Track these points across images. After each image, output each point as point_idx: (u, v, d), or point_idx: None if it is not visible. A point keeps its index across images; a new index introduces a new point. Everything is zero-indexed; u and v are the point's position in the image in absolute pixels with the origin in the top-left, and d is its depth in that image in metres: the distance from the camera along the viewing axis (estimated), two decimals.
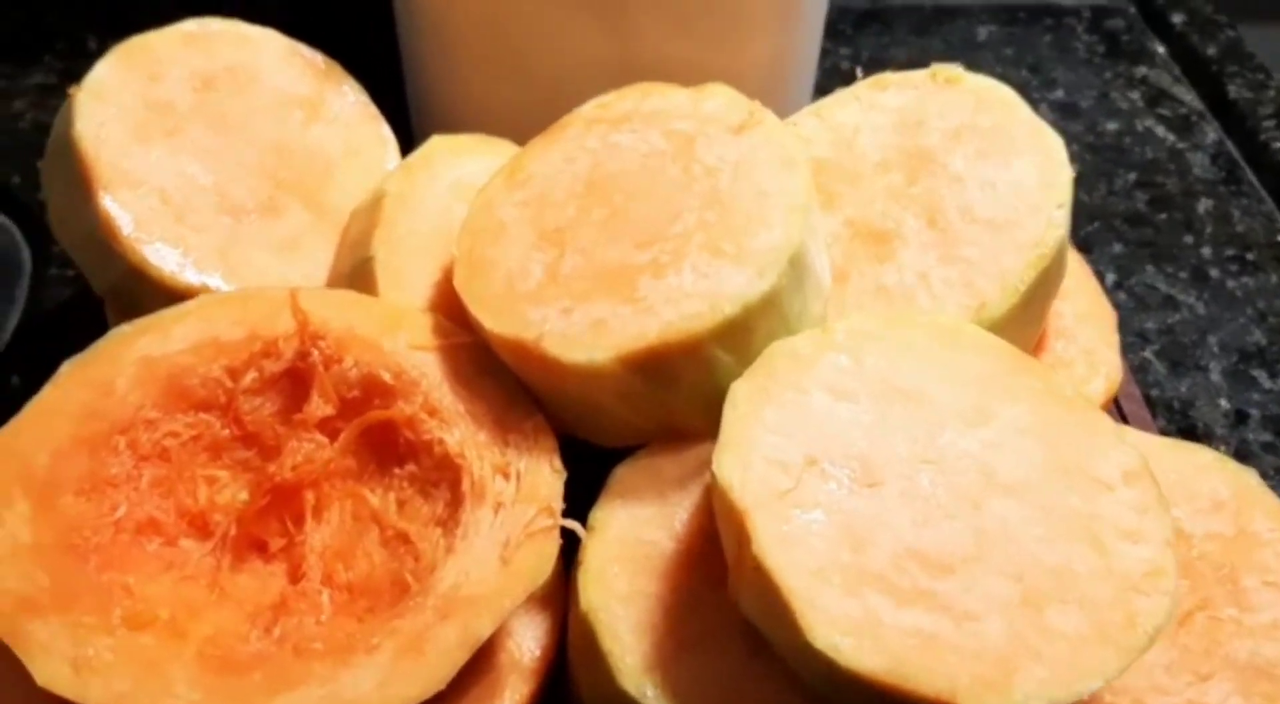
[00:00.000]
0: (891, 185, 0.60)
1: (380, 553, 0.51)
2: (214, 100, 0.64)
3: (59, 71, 1.02)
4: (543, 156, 0.59)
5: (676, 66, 0.74)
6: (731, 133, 0.56)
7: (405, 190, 0.61)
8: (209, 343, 0.54)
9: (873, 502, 0.44)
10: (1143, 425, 0.67)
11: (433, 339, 0.56)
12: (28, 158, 0.93)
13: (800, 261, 0.52)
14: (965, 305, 0.55)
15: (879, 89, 0.64)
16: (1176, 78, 1.07)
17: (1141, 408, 0.69)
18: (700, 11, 0.72)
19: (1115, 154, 0.98)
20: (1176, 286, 0.86)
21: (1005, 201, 0.58)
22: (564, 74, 0.74)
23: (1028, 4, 1.16)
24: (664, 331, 0.50)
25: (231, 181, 0.62)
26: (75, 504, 0.49)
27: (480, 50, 0.74)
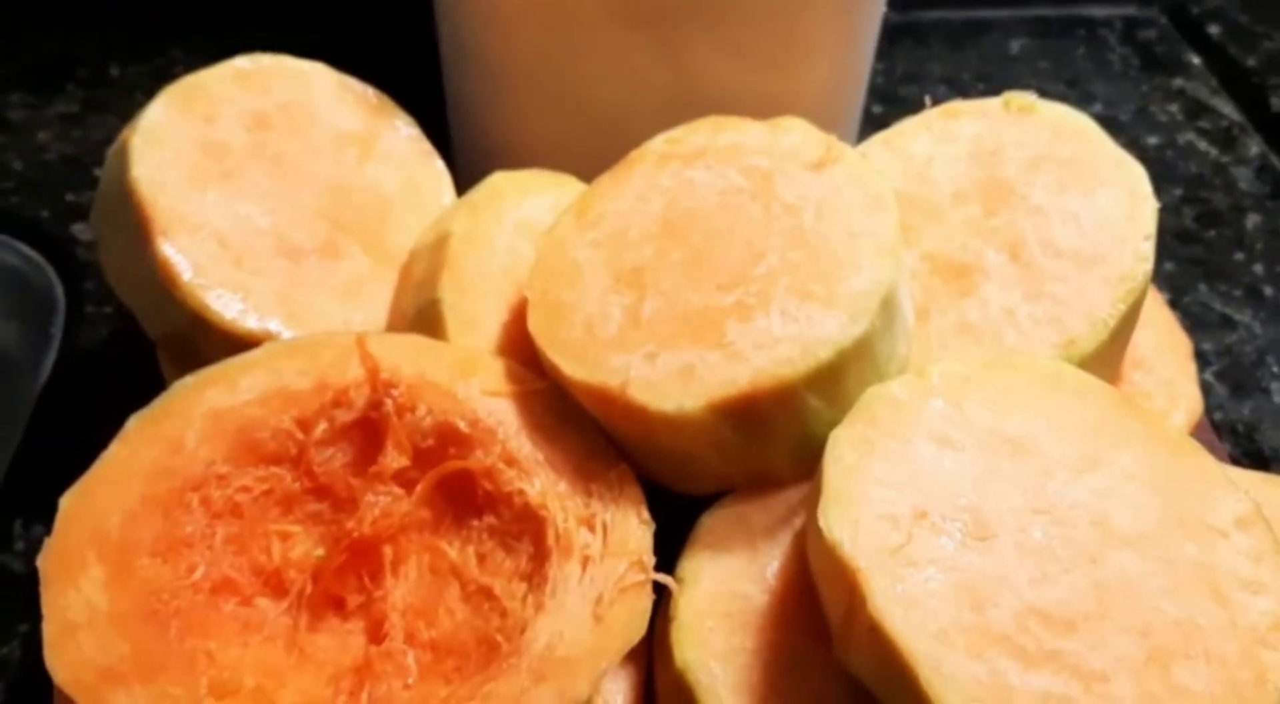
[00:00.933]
0: (969, 218, 0.59)
1: (463, 609, 0.50)
2: (269, 140, 0.62)
3: (81, 100, 1.00)
4: (614, 194, 0.57)
5: (732, 94, 0.72)
6: (811, 169, 0.55)
7: (471, 230, 0.59)
8: (277, 393, 0.52)
9: (987, 557, 0.43)
10: (1215, 453, 0.65)
11: (507, 385, 0.54)
12: (56, 190, 0.91)
13: (891, 303, 0.50)
14: (1054, 343, 0.54)
15: (950, 118, 0.63)
16: (1215, 89, 1.06)
17: (1211, 436, 0.68)
18: (756, 38, 0.71)
19: (1159, 169, 0.97)
20: (1231, 305, 0.85)
21: (1089, 234, 0.56)
22: (617, 103, 0.73)
23: (1058, 15, 1.15)
24: (755, 378, 0.48)
25: (290, 224, 0.61)
26: (151, 566, 0.47)
27: (529, 80, 0.72)
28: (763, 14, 0.70)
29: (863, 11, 0.73)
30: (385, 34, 1.01)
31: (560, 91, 0.73)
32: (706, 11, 0.69)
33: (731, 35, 0.70)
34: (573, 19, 0.69)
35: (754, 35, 0.71)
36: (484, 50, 0.72)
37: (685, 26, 0.70)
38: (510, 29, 0.70)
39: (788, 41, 0.72)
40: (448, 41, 0.74)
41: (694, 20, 0.69)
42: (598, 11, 0.68)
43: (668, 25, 0.69)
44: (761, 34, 0.71)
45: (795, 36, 0.71)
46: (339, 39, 1.04)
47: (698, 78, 0.72)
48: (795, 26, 0.71)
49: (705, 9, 0.69)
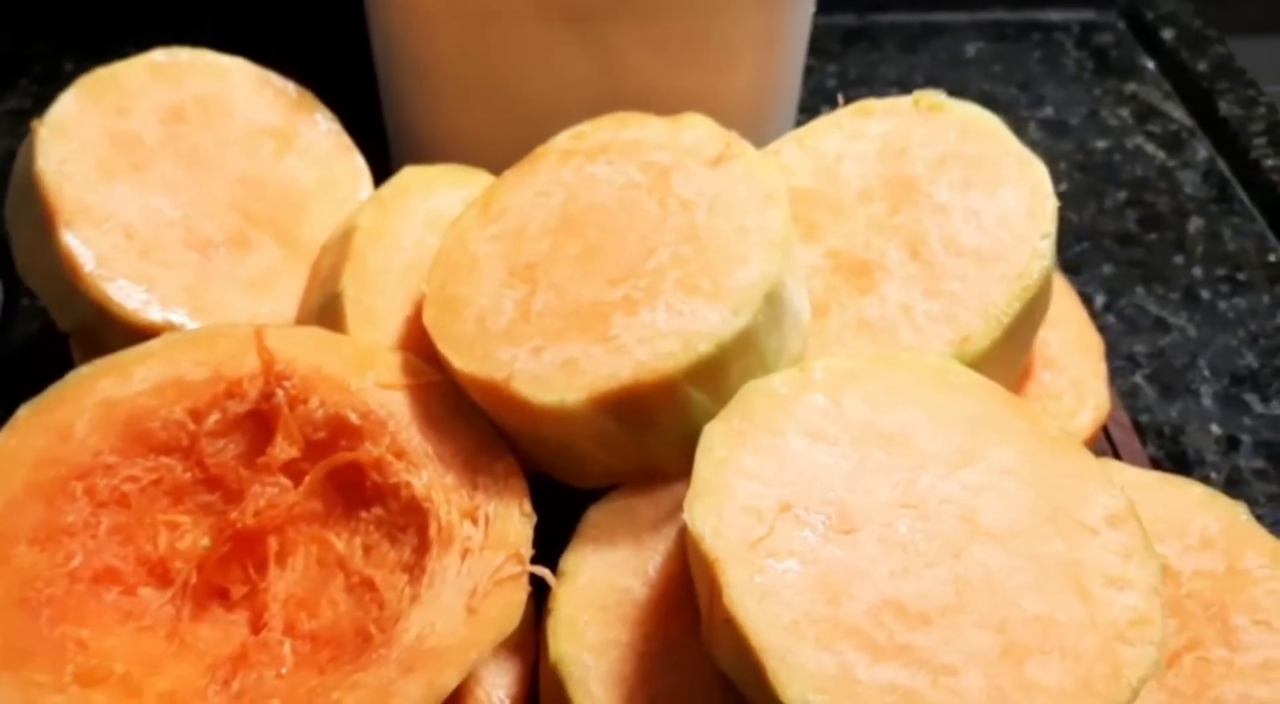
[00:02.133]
0: (874, 215, 0.59)
1: (345, 600, 0.50)
2: (183, 133, 0.62)
3: (34, 96, 1.00)
4: (517, 189, 0.57)
5: (660, 93, 0.73)
6: (708, 165, 0.55)
7: (377, 224, 0.59)
8: (171, 384, 0.53)
9: (849, 550, 0.43)
10: (1132, 454, 0.65)
11: (402, 378, 0.54)
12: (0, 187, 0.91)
13: (777, 298, 0.50)
14: (948, 339, 0.54)
15: (863, 116, 0.63)
16: (1167, 93, 1.06)
17: (1131, 436, 0.67)
18: (681, 35, 0.71)
19: (1105, 172, 0.97)
20: (1167, 308, 0.85)
21: (990, 232, 0.56)
22: (545, 101, 0.73)
23: (1015, 19, 1.15)
24: (637, 371, 0.48)
25: (200, 216, 0.61)
26: (28, 554, 0.47)
27: (458, 77, 0.73)
28: (686, 10, 0.70)
29: (789, 10, 0.73)
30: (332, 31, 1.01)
31: (489, 88, 0.73)
32: (630, 7, 0.69)
33: (656, 32, 0.71)
34: (497, 15, 0.69)
35: (679, 32, 0.71)
36: (412, 48, 0.72)
37: (610, 22, 0.70)
38: (436, 26, 0.70)
39: (712, 39, 0.72)
40: (378, 39, 0.75)
41: (619, 16, 0.70)
42: (522, 7, 0.68)
43: (592, 20, 0.70)
44: (686, 31, 0.71)
45: (719, 34, 0.72)
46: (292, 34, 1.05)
47: (624, 75, 0.72)
48: (718, 24, 0.71)
49: (628, 4, 0.69)
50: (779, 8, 0.72)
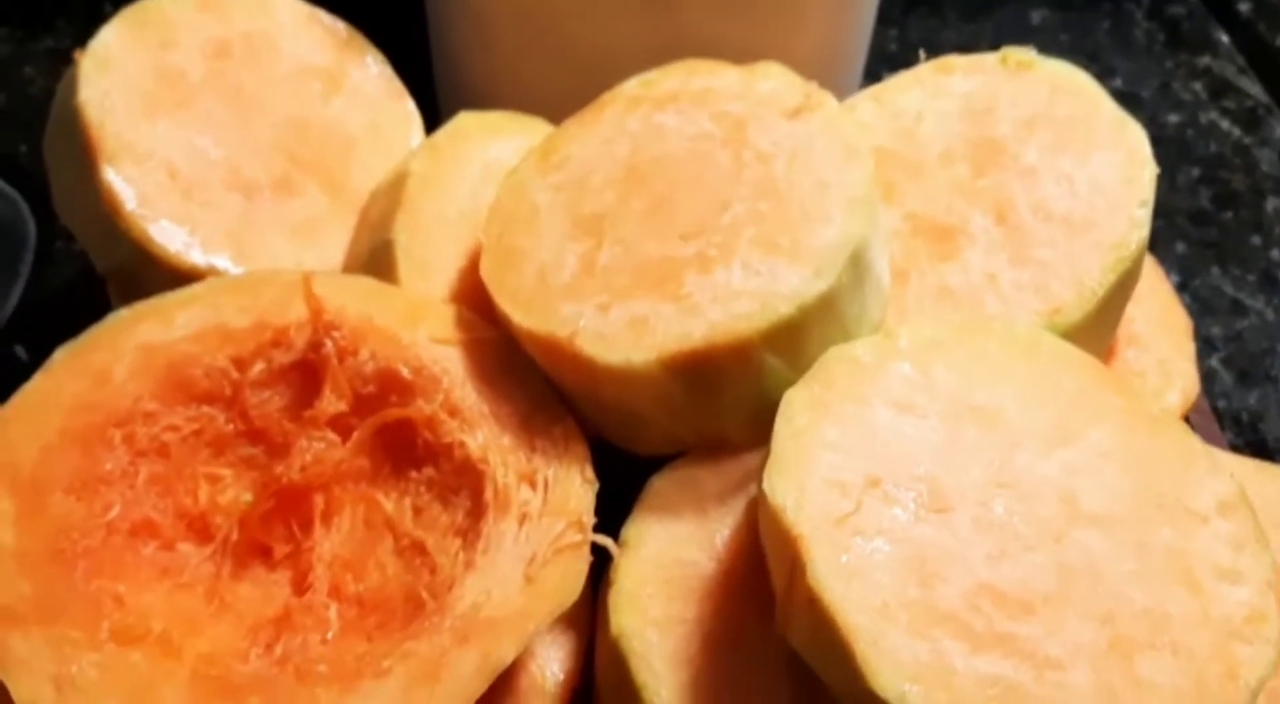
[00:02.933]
0: (957, 177, 0.55)
1: (394, 564, 0.47)
2: (228, 69, 0.59)
3: (71, 36, 0.97)
4: (580, 137, 0.54)
5: (723, 46, 0.69)
6: (787, 117, 0.52)
7: (431, 171, 0.56)
8: (214, 330, 0.50)
9: (942, 530, 0.40)
10: (1212, 441, 0.62)
11: (456, 333, 0.51)
12: (37, 127, 0.87)
13: (861, 260, 0.47)
14: (1038, 310, 0.50)
15: (944, 73, 0.59)
16: (1242, 69, 1.01)
17: (1211, 422, 0.64)
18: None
19: (1178, 148, 0.93)
20: (1244, 290, 0.81)
21: (1083, 198, 0.53)
22: (604, 50, 0.69)
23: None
24: (710, 333, 0.45)
25: (245, 157, 0.58)
26: (64, 503, 0.45)
27: (516, 22, 0.69)
28: None
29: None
30: None
31: (546, 35, 0.70)
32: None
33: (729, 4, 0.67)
34: None
35: None
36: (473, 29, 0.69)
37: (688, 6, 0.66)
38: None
39: (783, 3, 0.68)
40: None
41: None
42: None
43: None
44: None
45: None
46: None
47: (687, 27, 0.69)
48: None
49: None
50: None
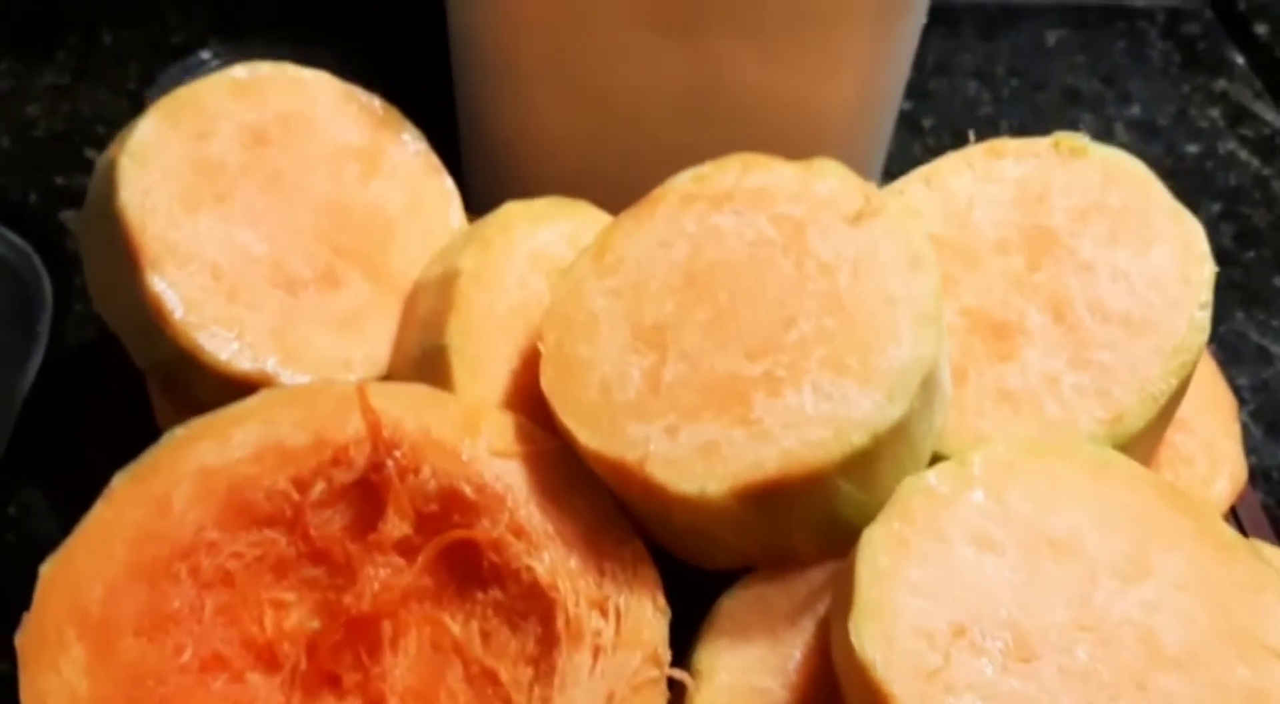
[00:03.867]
0: (1012, 270, 0.55)
1: (466, 692, 0.47)
2: (266, 156, 0.58)
3: (72, 69, 0.95)
4: (634, 236, 0.54)
5: (760, 93, 0.68)
6: (848, 222, 0.51)
7: (481, 268, 0.55)
8: (272, 449, 0.49)
9: (1029, 682, 0.40)
10: (1260, 532, 0.62)
11: (515, 444, 0.51)
12: (44, 171, 0.87)
13: (932, 381, 0.47)
14: (1099, 418, 0.51)
15: (995, 156, 0.59)
16: (1258, 93, 1.01)
17: (1258, 511, 0.64)
18: (786, 49, 0.66)
19: (1198, 180, 0.93)
20: (1269, 336, 0.81)
21: (1141, 296, 0.53)
22: (635, 101, 0.68)
23: (1098, 4, 1.10)
24: (784, 462, 0.45)
25: (287, 250, 0.57)
26: (135, 647, 0.44)
27: (544, 80, 0.68)
28: (798, 23, 0.65)
29: (900, 23, 0.69)
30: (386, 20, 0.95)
31: (576, 90, 0.68)
32: (737, 19, 0.65)
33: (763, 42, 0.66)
34: (595, 23, 0.64)
35: (787, 42, 0.66)
36: (498, 52, 0.67)
37: (714, 33, 0.65)
38: (527, 32, 0.65)
39: (817, 50, 0.67)
40: (459, 42, 0.70)
41: (723, 27, 0.65)
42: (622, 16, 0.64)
43: (695, 31, 0.65)
44: (790, 42, 0.66)
45: (825, 46, 0.67)
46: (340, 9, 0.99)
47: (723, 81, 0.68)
48: (825, 36, 0.67)
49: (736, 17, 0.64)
50: (891, 22, 0.67)
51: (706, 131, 0.69)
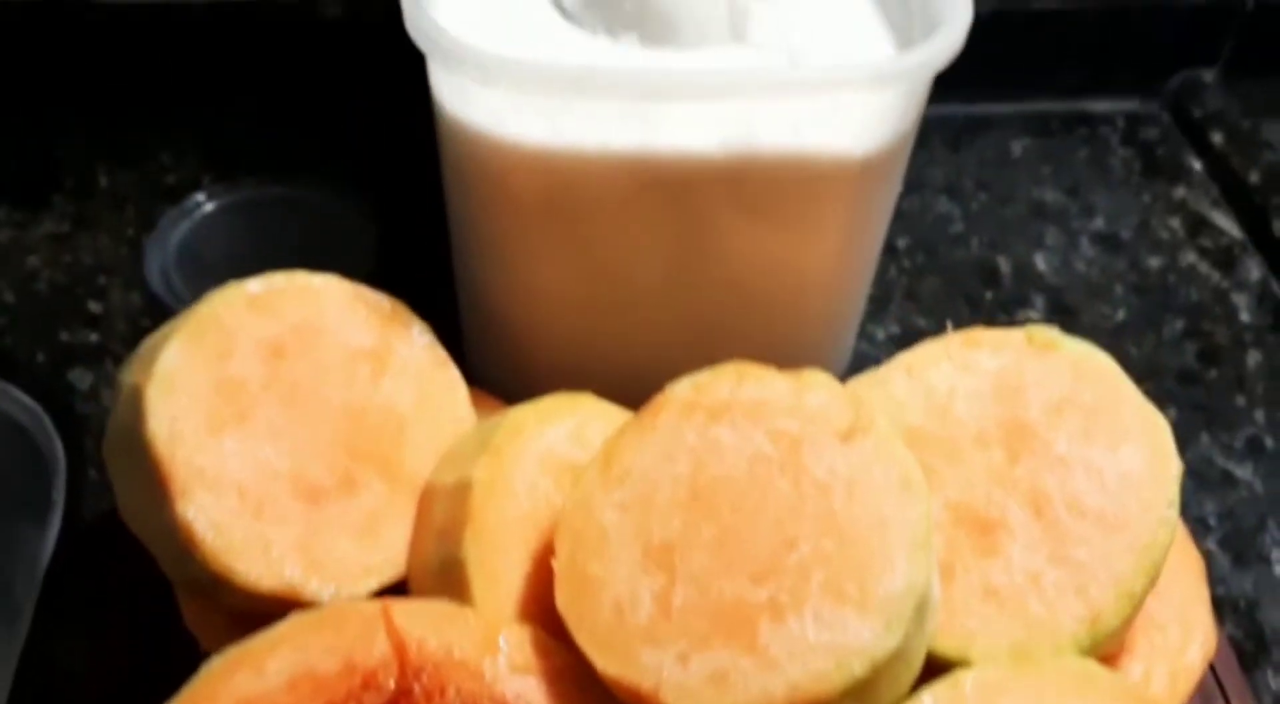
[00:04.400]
0: (993, 464, 0.59)
1: None
2: (283, 369, 0.61)
3: (71, 217, 0.97)
4: (639, 448, 0.57)
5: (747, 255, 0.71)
6: (839, 439, 0.55)
7: (493, 478, 0.58)
8: (305, 677, 0.52)
9: None
10: (1236, 692, 0.66)
11: (535, 659, 0.54)
12: (50, 327, 0.89)
13: (925, 603, 0.51)
14: (1079, 616, 0.54)
15: (972, 347, 0.62)
16: (1215, 201, 1.06)
17: (1233, 669, 0.67)
18: (771, 208, 0.70)
19: (1161, 296, 0.97)
20: (1233, 459, 0.86)
21: (1113, 494, 0.57)
22: (632, 269, 0.71)
23: (1061, 111, 1.14)
24: (791, 692, 0.48)
25: (307, 461, 0.60)
26: None
27: (543, 254, 0.71)
28: (782, 196, 0.69)
29: (882, 193, 0.72)
30: (377, 155, 0.98)
31: (573, 265, 0.71)
32: (728, 193, 0.68)
33: (750, 214, 0.69)
34: (596, 205, 0.67)
35: (772, 211, 0.69)
36: (496, 233, 0.71)
37: (705, 205, 0.68)
38: (526, 215, 0.69)
39: (804, 218, 0.71)
40: (456, 221, 0.73)
41: (715, 199, 0.68)
42: (622, 197, 0.67)
43: (688, 206, 0.68)
44: (780, 211, 0.70)
45: (812, 213, 0.71)
46: (330, 149, 1.02)
47: (712, 245, 0.70)
48: (812, 207, 0.70)
49: (727, 191, 0.67)
50: (870, 194, 0.71)
51: (697, 292, 0.73)
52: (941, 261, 0.99)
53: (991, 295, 0.96)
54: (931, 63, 0.61)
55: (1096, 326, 0.94)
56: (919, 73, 0.62)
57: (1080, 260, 1.00)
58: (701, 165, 0.64)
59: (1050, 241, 1.01)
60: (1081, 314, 0.95)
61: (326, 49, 1.01)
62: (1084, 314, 0.95)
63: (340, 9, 0.99)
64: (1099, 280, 0.98)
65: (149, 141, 1.03)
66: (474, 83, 0.60)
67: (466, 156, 0.67)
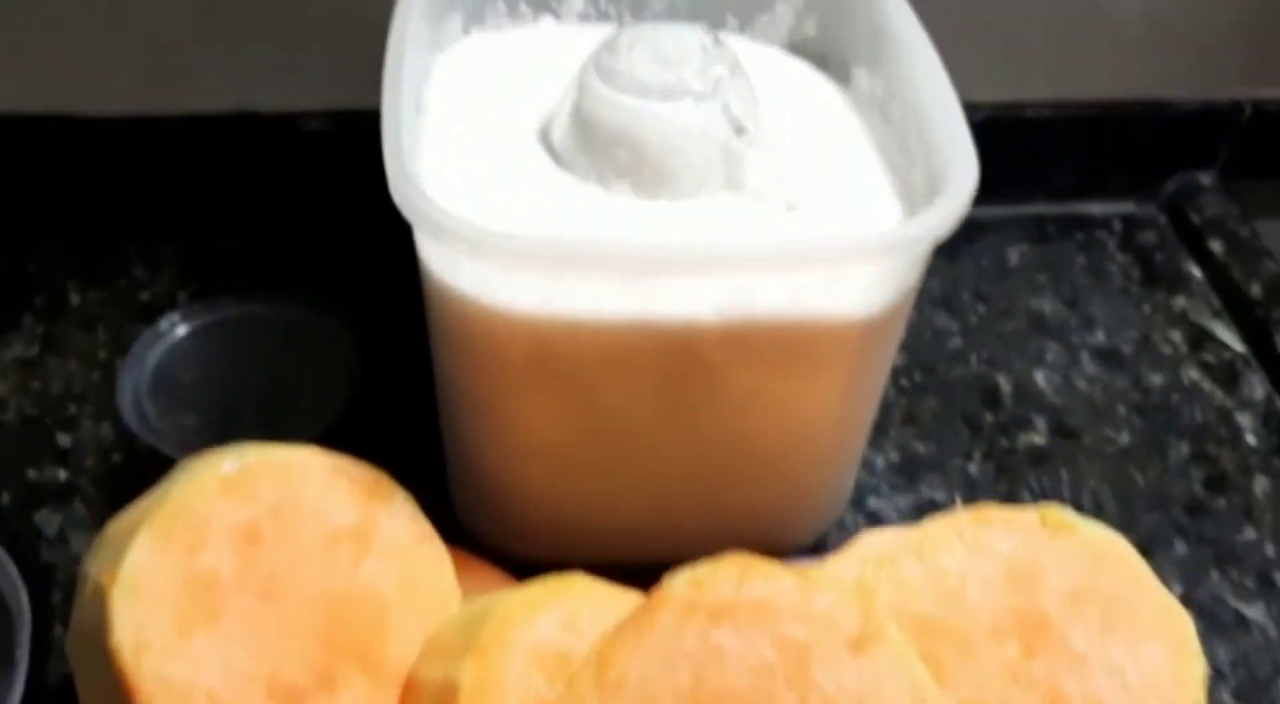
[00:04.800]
0: (1008, 660, 0.56)
1: None
2: (259, 556, 0.58)
3: (41, 338, 0.94)
4: (635, 653, 0.54)
5: (743, 407, 0.69)
6: (849, 649, 0.52)
7: (481, 680, 0.55)
8: None
9: None
10: None
11: None
12: (16, 464, 0.85)
13: None
14: None
15: (983, 526, 0.60)
16: (1216, 312, 1.04)
17: None
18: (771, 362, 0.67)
19: (1165, 417, 0.95)
20: (1245, 598, 0.83)
21: (1135, 695, 0.54)
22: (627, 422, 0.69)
23: (1056, 214, 1.13)
24: None
25: (283, 660, 0.56)
26: None
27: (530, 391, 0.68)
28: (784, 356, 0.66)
29: (884, 348, 0.70)
30: (355, 270, 0.95)
31: (565, 419, 0.69)
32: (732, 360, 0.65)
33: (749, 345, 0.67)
34: (590, 364, 0.65)
35: (774, 369, 0.67)
36: (484, 394, 0.68)
37: (708, 369, 0.66)
38: (515, 374, 0.66)
39: (803, 374, 0.68)
40: (443, 377, 0.70)
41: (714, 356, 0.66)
42: (620, 357, 0.64)
43: (689, 367, 0.65)
44: (781, 370, 0.67)
45: (813, 372, 0.68)
46: (311, 264, 0.99)
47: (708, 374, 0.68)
48: (813, 366, 0.68)
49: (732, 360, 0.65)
50: (871, 349, 0.68)
51: (693, 446, 0.70)
52: (940, 380, 0.96)
53: (992, 417, 0.94)
54: (938, 229, 0.59)
55: (1100, 451, 0.92)
56: (925, 241, 0.59)
57: (1081, 378, 0.97)
58: (698, 331, 0.62)
59: (1050, 357, 0.99)
60: (1084, 436, 0.93)
61: (308, 163, 0.98)
62: (1086, 436, 0.93)
63: (324, 122, 0.97)
64: (1101, 400, 0.96)
65: (123, 256, 1.00)
66: (462, 255, 0.58)
67: (453, 318, 0.64)
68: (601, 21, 0.80)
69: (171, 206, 1.01)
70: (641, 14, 0.80)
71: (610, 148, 0.66)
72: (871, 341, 0.66)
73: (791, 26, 0.80)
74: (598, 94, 0.66)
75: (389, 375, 0.85)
